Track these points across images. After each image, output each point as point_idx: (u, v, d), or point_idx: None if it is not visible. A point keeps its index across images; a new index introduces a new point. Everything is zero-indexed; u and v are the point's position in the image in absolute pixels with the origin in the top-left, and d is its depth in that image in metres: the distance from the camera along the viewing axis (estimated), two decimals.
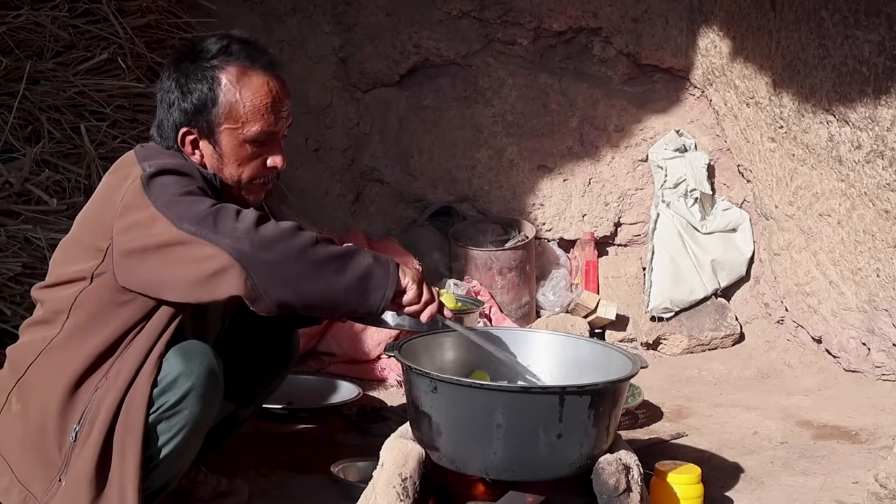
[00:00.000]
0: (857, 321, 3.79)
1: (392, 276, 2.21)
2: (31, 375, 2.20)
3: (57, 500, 2.15)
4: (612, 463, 2.32)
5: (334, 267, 2.14)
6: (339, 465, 2.86)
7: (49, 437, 2.16)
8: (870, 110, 3.44)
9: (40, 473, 2.16)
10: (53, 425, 2.16)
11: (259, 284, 2.08)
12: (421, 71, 4.76)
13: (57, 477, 2.15)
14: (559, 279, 4.62)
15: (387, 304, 2.21)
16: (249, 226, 2.09)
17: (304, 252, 2.12)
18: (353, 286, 2.16)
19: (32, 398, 2.19)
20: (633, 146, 4.73)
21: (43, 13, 3.73)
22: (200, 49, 2.26)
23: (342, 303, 2.18)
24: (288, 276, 2.10)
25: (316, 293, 2.13)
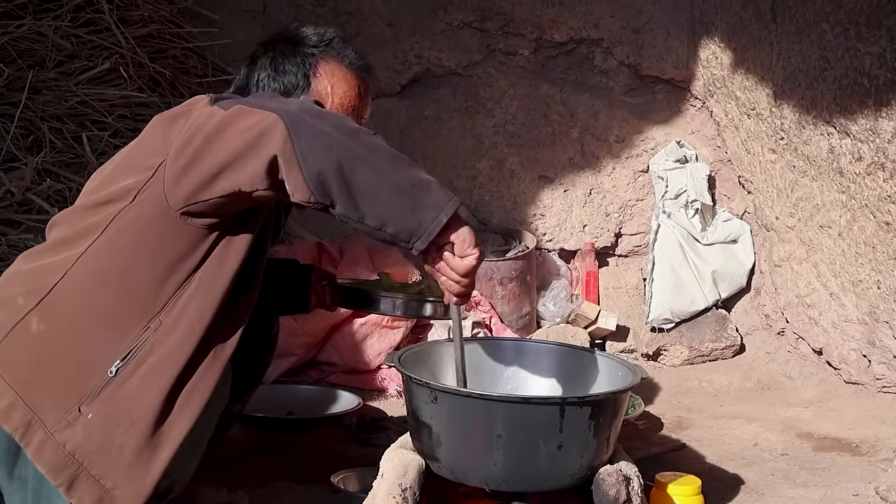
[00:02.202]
0: (858, 333, 3.78)
1: (451, 204, 1.89)
2: (60, 296, 2.04)
3: (73, 432, 2.00)
4: (612, 474, 2.31)
5: (391, 159, 1.87)
6: (340, 476, 2.85)
7: (78, 364, 2.02)
8: (871, 122, 3.44)
9: (56, 401, 2.01)
10: (88, 353, 2.02)
11: (298, 147, 1.83)
12: (422, 81, 4.77)
13: (76, 406, 2.01)
14: (560, 290, 4.62)
15: (436, 229, 1.88)
16: (306, 100, 1.95)
17: (357, 132, 1.88)
18: (404, 189, 1.86)
19: (61, 320, 2.03)
20: (634, 157, 4.74)
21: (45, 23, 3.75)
22: (302, 36, 2.25)
23: (384, 204, 1.86)
24: (333, 145, 1.84)
25: (360, 174, 1.84)
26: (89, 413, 2.01)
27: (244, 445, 3.26)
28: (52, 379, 2.03)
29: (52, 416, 2.01)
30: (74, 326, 2.05)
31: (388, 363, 2.42)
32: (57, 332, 2.05)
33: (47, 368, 2.03)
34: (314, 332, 3.95)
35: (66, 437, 2.00)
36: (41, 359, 2.04)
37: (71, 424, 2.01)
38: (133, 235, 2.03)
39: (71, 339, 2.04)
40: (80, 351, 2.04)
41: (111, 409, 2.02)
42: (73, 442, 2.01)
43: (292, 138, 1.83)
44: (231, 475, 2.87)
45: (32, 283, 2.08)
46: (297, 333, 3.93)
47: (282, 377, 3.90)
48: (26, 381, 2.03)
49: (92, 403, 2.01)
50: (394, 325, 3.98)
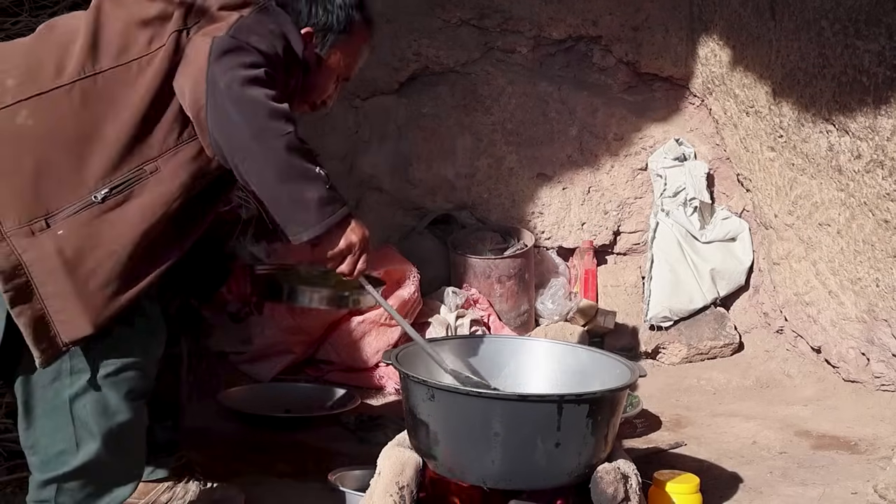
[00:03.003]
0: (857, 331, 3.78)
1: (317, 228, 2.07)
2: (60, 100, 1.98)
3: (34, 243, 1.95)
4: (610, 472, 2.31)
5: (280, 174, 2.01)
6: (337, 474, 2.85)
7: (59, 178, 1.97)
8: (870, 120, 3.43)
9: (21, 204, 1.95)
10: (73, 170, 1.97)
11: (210, 121, 1.98)
12: (420, 79, 4.76)
13: (43, 218, 1.95)
14: (558, 287, 4.61)
15: (298, 241, 2.08)
16: (242, 76, 1.97)
17: (264, 133, 1.99)
18: (282, 202, 2.04)
19: (53, 126, 1.98)
20: (633, 155, 4.73)
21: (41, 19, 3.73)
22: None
23: (266, 202, 2.05)
24: (234, 137, 1.99)
25: (249, 174, 2.01)
26: (60, 230, 1.96)
27: (242, 443, 3.25)
28: (23, 181, 1.96)
29: (12, 217, 1.95)
30: (66, 138, 1.99)
31: (386, 361, 2.42)
32: (45, 137, 1.98)
33: (21, 168, 1.96)
34: (312, 330, 3.95)
35: (24, 246, 1.95)
36: (17, 156, 1.97)
37: (33, 234, 1.95)
38: (157, 78, 2.04)
39: (58, 149, 1.98)
40: (64, 165, 1.98)
41: (89, 232, 1.98)
42: (32, 253, 1.95)
43: (206, 111, 1.97)
44: (228, 473, 2.86)
45: (29, 71, 2.01)
46: (295, 331, 3.92)
47: (279, 375, 3.89)
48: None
49: (64, 221, 1.97)
50: (391, 323, 3.98)
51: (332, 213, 2.09)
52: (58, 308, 1.97)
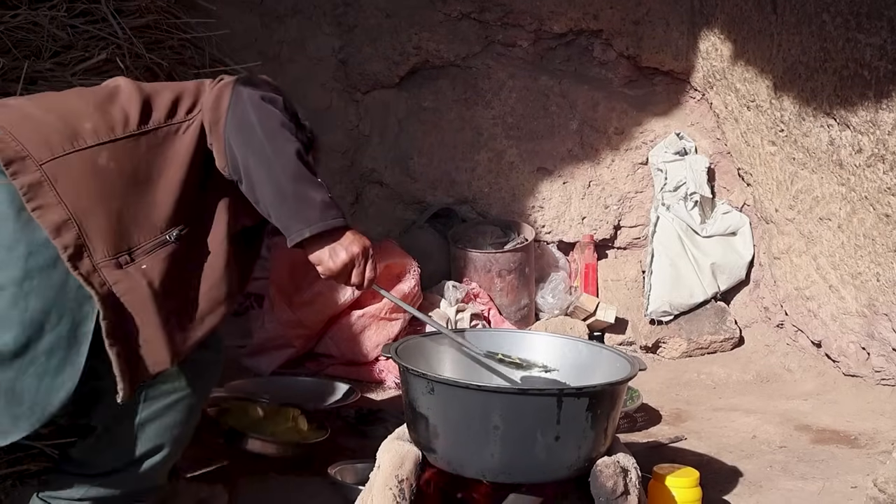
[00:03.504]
0: (857, 325, 3.77)
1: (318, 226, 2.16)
2: (131, 148, 2.12)
3: (123, 275, 2.06)
4: (609, 466, 2.31)
5: (288, 171, 2.13)
6: (337, 467, 2.85)
7: (136, 216, 2.10)
8: (871, 114, 3.43)
9: (107, 238, 2.06)
10: (147, 209, 2.11)
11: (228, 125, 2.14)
12: (421, 72, 4.76)
13: (127, 253, 2.07)
14: (558, 282, 4.61)
15: (299, 238, 2.15)
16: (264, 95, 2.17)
17: (276, 135, 2.14)
18: (287, 198, 2.14)
19: (127, 167, 2.11)
20: (634, 149, 4.73)
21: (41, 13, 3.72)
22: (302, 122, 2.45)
23: (271, 202, 2.15)
24: (250, 140, 2.13)
25: (258, 172, 2.13)
26: (143, 264, 2.09)
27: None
28: (109, 218, 2.07)
29: (101, 250, 2.05)
30: (138, 182, 2.12)
31: (385, 354, 2.42)
32: (123, 179, 2.10)
33: (106, 205, 2.07)
34: (312, 324, 3.95)
35: (115, 277, 2.05)
36: (102, 194, 2.07)
37: (121, 267, 2.06)
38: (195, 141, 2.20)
39: (134, 191, 2.11)
40: (140, 206, 2.11)
41: (168, 268, 2.11)
42: (123, 285, 2.06)
43: (227, 116, 2.15)
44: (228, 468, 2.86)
45: (102, 120, 2.13)
46: (295, 325, 3.92)
47: (280, 369, 3.89)
48: (83, 207, 2.04)
49: (146, 257, 2.09)
50: (391, 317, 3.98)
51: (335, 217, 2.18)
52: (144, 339, 2.08)
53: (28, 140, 2.04)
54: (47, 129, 2.07)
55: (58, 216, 2.01)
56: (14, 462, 2.82)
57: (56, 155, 2.04)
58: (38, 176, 2.01)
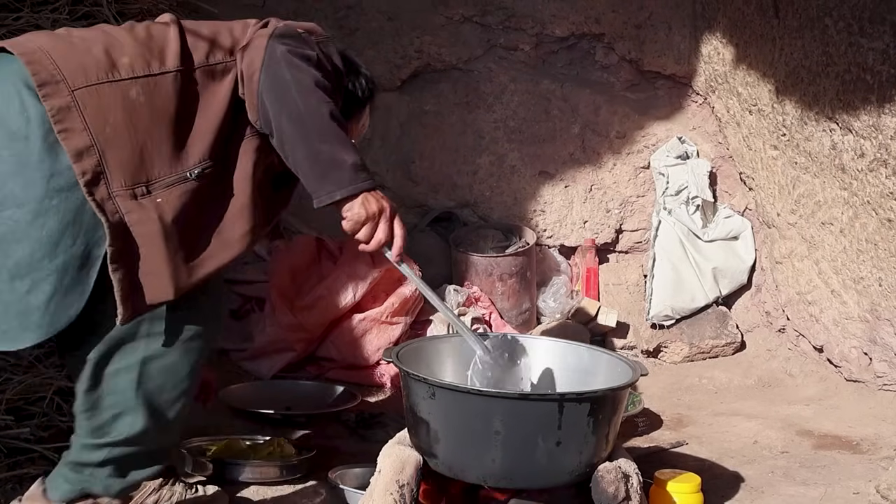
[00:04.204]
0: (859, 330, 3.77)
1: (350, 188, 2.17)
2: (167, 84, 2.15)
3: (136, 206, 2.10)
4: (611, 471, 2.30)
5: (321, 131, 2.15)
6: (337, 472, 2.84)
7: (159, 148, 2.13)
8: (873, 119, 3.42)
9: (126, 168, 2.10)
10: (169, 143, 2.14)
11: (262, 81, 2.16)
12: (422, 76, 4.76)
13: (144, 185, 2.11)
14: (560, 286, 4.61)
15: (328, 201, 2.18)
16: (298, 52, 2.19)
17: (311, 93, 2.16)
18: (319, 159, 2.16)
19: (158, 104, 2.14)
20: (635, 153, 4.72)
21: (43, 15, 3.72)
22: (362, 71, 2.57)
23: (301, 162, 2.17)
24: (284, 97, 2.15)
25: (292, 129, 2.15)
26: (158, 198, 2.12)
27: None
28: (132, 149, 2.11)
29: (118, 180, 2.09)
30: (169, 118, 2.15)
31: (386, 359, 2.41)
32: (152, 114, 2.14)
33: (130, 137, 2.11)
34: (313, 328, 3.94)
35: (129, 207, 2.09)
36: (128, 126, 2.12)
37: (136, 198, 2.10)
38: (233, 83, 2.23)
39: (162, 127, 2.14)
40: (165, 142, 2.14)
41: (183, 204, 2.14)
42: (135, 215, 2.09)
43: (262, 71, 2.16)
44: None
45: (138, 55, 2.17)
46: (296, 329, 3.92)
47: (280, 373, 3.89)
48: (107, 136, 2.09)
49: (163, 191, 2.13)
50: (392, 321, 3.98)
51: (365, 179, 2.19)
52: (148, 270, 2.11)
53: (66, 65, 2.09)
54: (88, 59, 2.12)
55: (81, 141, 2.06)
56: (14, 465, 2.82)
57: (90, 83, 2.09)
58: (68, 100, 2.07)
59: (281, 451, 3.02)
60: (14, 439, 2.82)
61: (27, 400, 2.91)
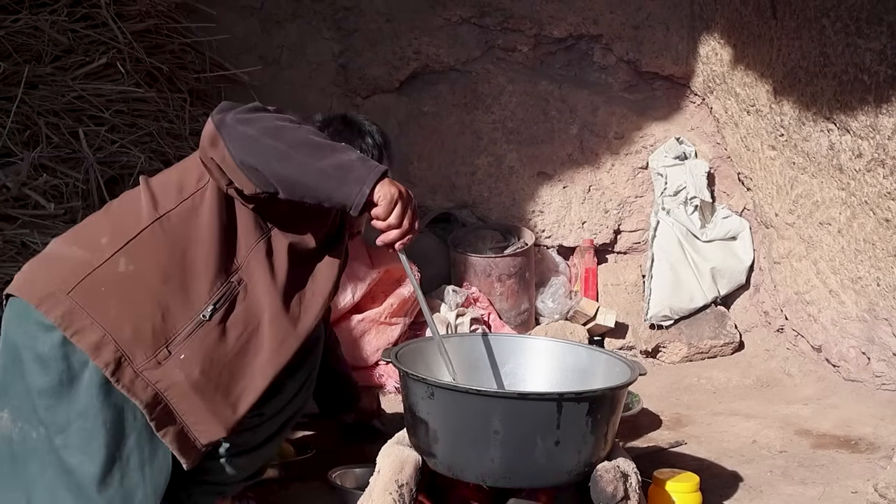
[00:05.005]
0: (857, 330, 3.77)
1: (373, 176, 2.16)
2: (147, 242, 2.22)
3: (164, 372, 2.17)
4: (609, 470, 2.31)
5: (311, 151, 2.15)
6: (337, 472, 2.85)
7: (167, 306, 2.19)
8: (871, 119, 3.43)
9: (144, 340, 2.16)
10: (176, 296, 2.20)
11: (235, 154, 2.15)
12: (421, 77, 4.76)
13: (165, 347, 2.17)
14: (558, 286, 4.61)
15: (361, 199, 2.15)
16: (241, 108, 2.20)
17: (281, 131, 2.15)
18: (328, 173, 2.15)
19: (148, 263, 2.21)
20: (634, 153, 4.73)
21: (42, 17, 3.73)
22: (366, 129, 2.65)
23: (315, 187, 2.16)
24: (262, 148, 2.14)
25: (289, 169, 2.14)
26: (181, 354, 2.19)
27: None
28: (141, 320, 2.18)
29: (140, 354, 2.16)
30: (163, 271, 2.22)
31: (385, 359, 2.42)
32: (146, 276, 2.21)
33: (135, 307, 2.18)
34: None
35: (157, 377, 2.16)
36: (129, 298, 2.19)
37: (161, 364, 2.17)
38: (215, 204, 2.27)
39: (161, 283, 2.21)
40: (170, 295, 2.21)
41: (206, 348, 2.20)
42: (164, 382, 2.17)
43: (229, 149, 2.15)
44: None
45: (115, 228, 2.25)
46: None
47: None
48: (115, 319, 2.16)
49: (183, 344, 2.19)
50: (391, 322, 3.98)
51: (376, 166, 2.19)
52: (194, 421, 2.20)
53: (56, 277, 2.19)
54: (73, 261, 2.21)
55: (94, 336, 2.14)
56: None
57: (80, 279, 2.17)
58: (68, 305, 2.14)
59: (280, 451, 3.02)
60: None
61: None
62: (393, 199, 2.18)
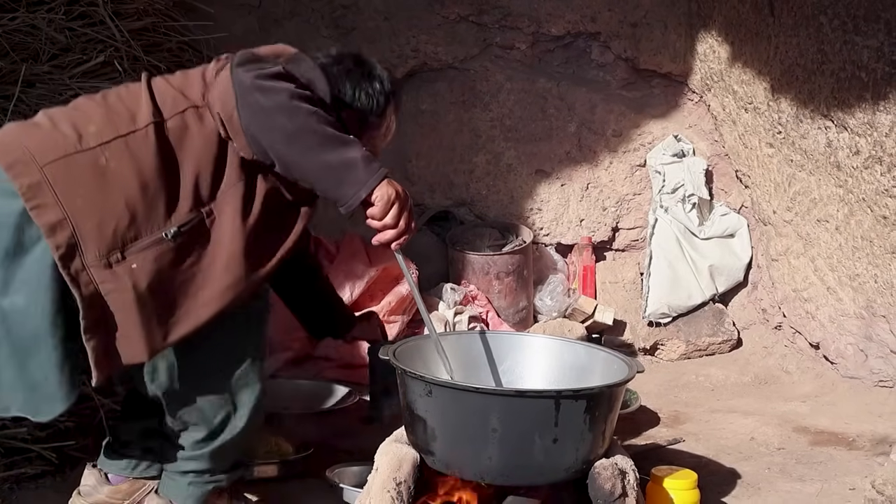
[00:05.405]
0: (855, 327, 3.78)
1: (373, 180, 2.16)
2: (135, 144, 2.16)
3: (111, 275, 2.11)
4: (607, 468, 2.31)
5: (318, 141, 2.13)
6: (335, 470, 2.85)
7: (134, 214, 2.14)
8: (868, 116, 3.43)
9: (101, 238, 2.11)
10: (147, 207, 2.15)
11: (243, 118, 2.13)
12: (419, 75, 4.76)
13: (119, 251, 2.12)
14: (557, 284, 4.61)
15: (356, 202, 2.16)
16: (265, 73, 2.15)
17: (296, 111, 2.12)
18: (329, 168, 2.14)
19: (130, 166, 2.15)
20: (632, 151, 4.73)
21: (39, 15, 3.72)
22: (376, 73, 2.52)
23: (314, 176, 2.17)
24: (272, 124, 2.12)
25: (292, 151, 2.14)
26: (133, 263, 2.13)
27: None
28: (105, 217, 2.12)
29: (93, 249, 2.11)
30: (142, 178, 2.15)
31: (383, 357, 2.42)
32: (123, 177, 2.14)
33: (103, 204, 2.12)
34: None
35: (104, 277, 2.11)
36: (100, 194, 2.13)
37: (111, 266, 2.12)
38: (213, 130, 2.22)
39: (134, 188, 2.14)
40: (139, 203, 2.14)
41: (159, 268, 2.15)
42: (109, 285, 2.11)
43: (238, 109, 2.13)
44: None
45: (107, 120, 2.18)
46: (293, 328, 3.91)
47: (278, 372, 3.89)
48: (80, 207, 2.10)
49: (138, 254, 2.13)
50: (389, 320, 3.98)
51: (379, 167, 2.18)
52: (123, 335, 2.14)
53: (35, 146, 2.12)
54: (55, 135, 2.15)
55: (53, 216, 2.08)
56: (12, 465, 2.82)
57: (58, 157, 2.11)
58: (38, 177, 2.08)
59: (279, 450, 3.02)
60: (11, 439, 2.83)
61: None
62: (390, 200, 2.18)
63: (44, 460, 2.84)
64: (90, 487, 2.53)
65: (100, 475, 2.53)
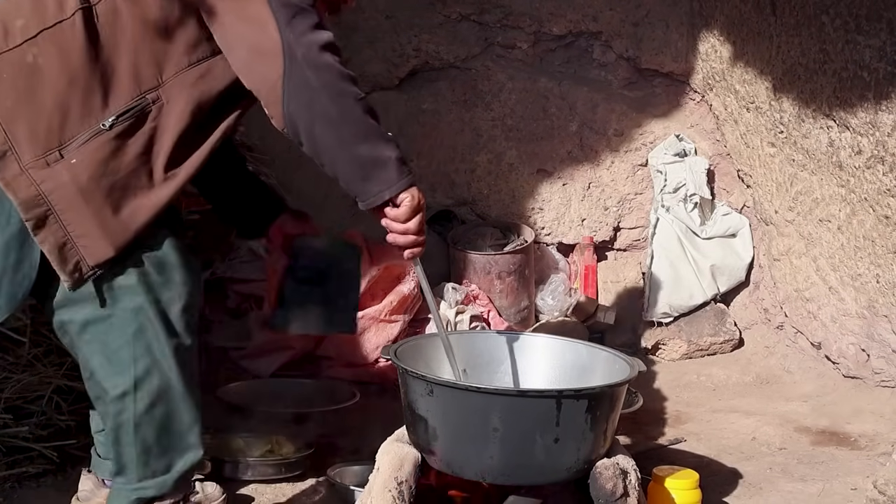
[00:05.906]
0: (857, 327, 3.77)
1: (402, 183, 2.12)
2: (62, 35, 2.04)
3: (51, 173, 2.04)
4: (609, 468, 2.31)
5: (359, 132, 2.07)
6: (336, 469, 2.85)
7: (67, 109, 2.04)
8: (870, 115, 3.42)
9: (36, 138, 2.03)
10: (80, 100, 2.05)
11: (286, 90, 2.04)
12: (420, 74, 4.76)
13: (57, 150, 2.04)
14: (558, 283, 4.61)
15: (379, 201, 2.11)
16: (317, 41, 2.05)
17: (342, 95, 2.06)
18: (361, 162, 2.08)
19: (57, 60, 2.04)
20: (633, 151, 4.72)
21: None
22: None
23: (341, 167, 2.10)
24: (314, 104, 2.04)
25: (327, 136, 2.06)
26: (73, 159, 2.05)
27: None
28: (38, 116, 2.04)
29: (29, 151, 2.04)
30: (73, 70, 2.05)
31: (384, 356, 2.42)
32: (54, 72, 2.05)
33: (34, 104, 2.04)
34: None
35: (43, 177, 2.03)
36: (30, 93, 2.04)
37: (49, 165, 2.04)
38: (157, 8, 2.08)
39: (67, 82, 2.05)
40: (74, 97, 2.05)
41: (100, 159, 2.06)
42: (49, 183, 2.04)
43: (284, 81, 2.03)
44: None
45: (34, 11, 2.06)
46: None
47: (279, 371, 3.89)
48: (10, 109, 2.03)
49: (77, 150, 2.05)
50: (391, 319, 3.98)
51: (409, 172, 2.15)
52: (79, 233, 2.06)
53: None
54: None
55: None
56: (13, 464, 2.82)
57: None
58: None
59: (280, 449, 3.02)
60: (13, 438, 2.83)
61: (26, 399, 2.91)
62: (418, 206, 2.16)
63: (45, 459, 2.84)
64: (88, 492, 2.51)
65: (96, 479, 2.50)
